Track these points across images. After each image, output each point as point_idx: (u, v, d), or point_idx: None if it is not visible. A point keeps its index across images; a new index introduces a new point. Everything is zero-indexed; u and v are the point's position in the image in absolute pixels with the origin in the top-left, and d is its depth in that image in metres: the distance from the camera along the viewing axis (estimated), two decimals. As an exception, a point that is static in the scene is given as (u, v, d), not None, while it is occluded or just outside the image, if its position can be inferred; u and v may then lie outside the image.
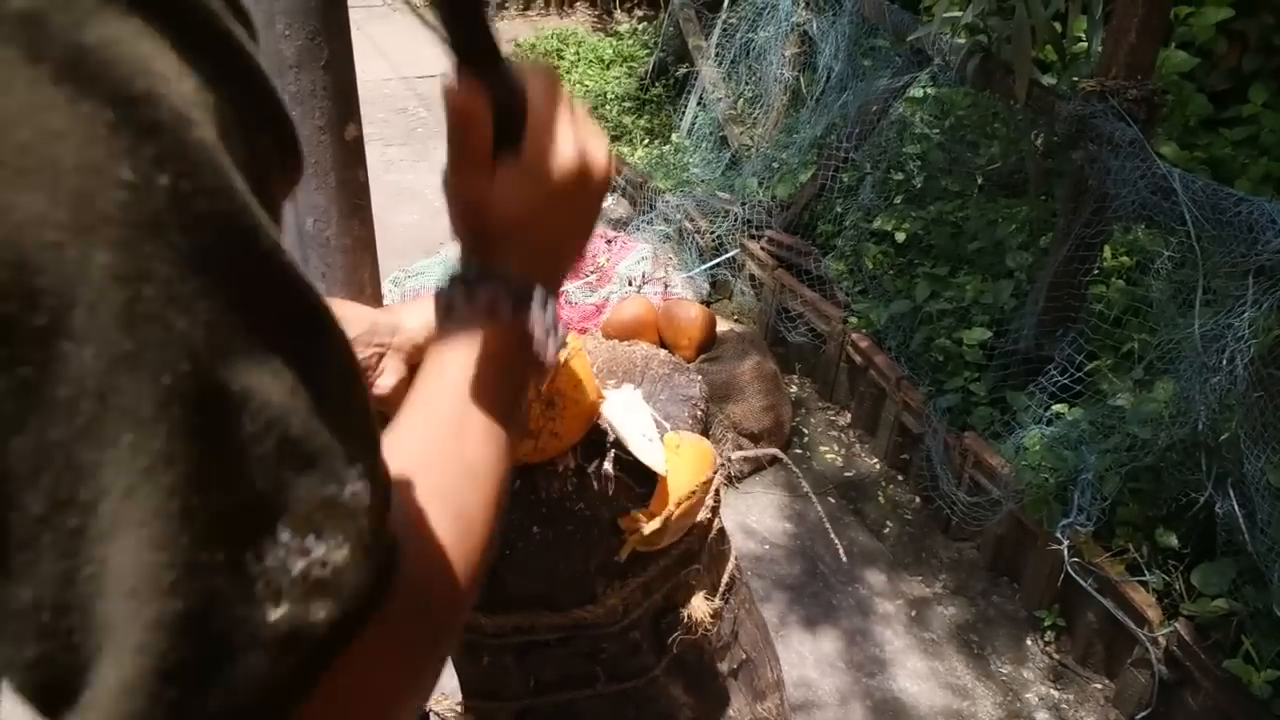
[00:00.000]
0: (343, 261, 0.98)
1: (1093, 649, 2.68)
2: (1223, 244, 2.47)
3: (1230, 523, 2.37)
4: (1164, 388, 2.63)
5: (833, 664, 2.72)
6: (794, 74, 4.61)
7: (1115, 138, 2.65)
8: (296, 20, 0.84)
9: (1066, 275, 2.95)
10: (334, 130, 0.91)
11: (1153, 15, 2.67)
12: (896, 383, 3.30)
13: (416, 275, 4.00)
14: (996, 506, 2.85)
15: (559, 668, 1.24)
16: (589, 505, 1.15)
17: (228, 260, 0.36)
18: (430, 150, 5.87)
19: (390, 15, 8.38)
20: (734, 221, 4.22)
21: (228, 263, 0.36)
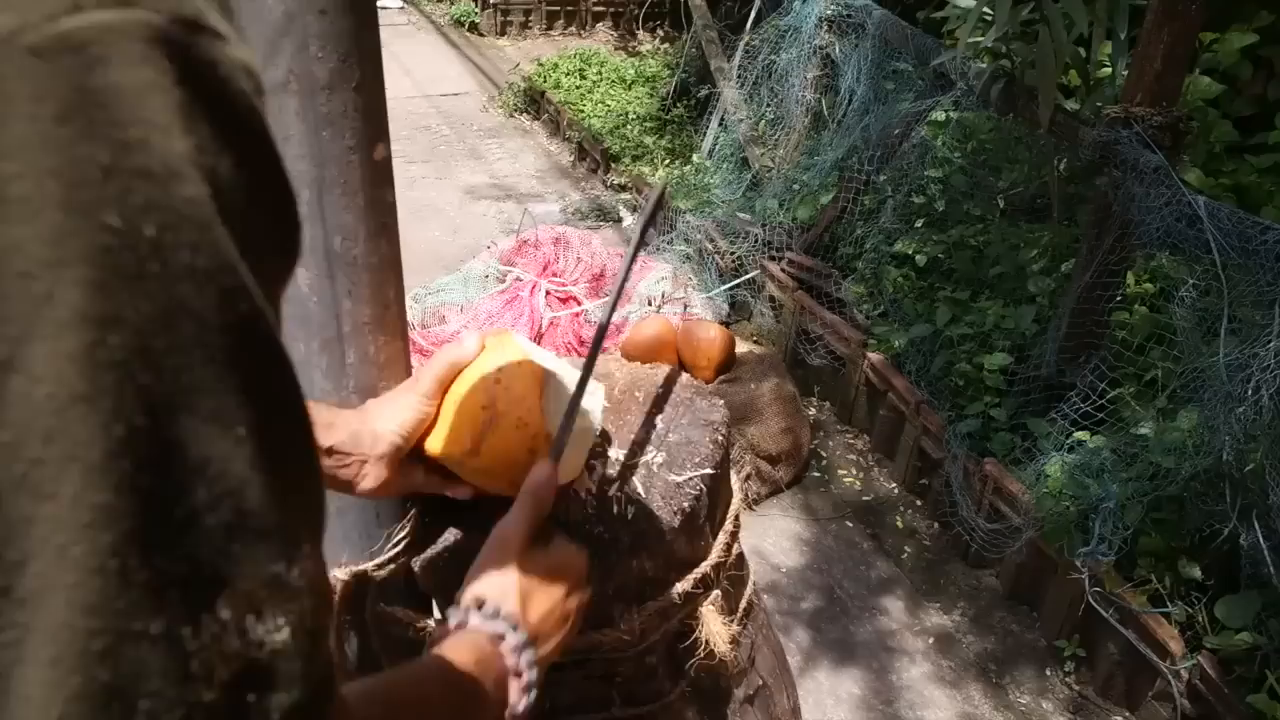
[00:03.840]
0: (369, 279, 0.98)
1: (1113, 681, 2.65)
2: (1248, 272, 2.45)
3: (1255, 555, 2.34)
4: (1188, 417, 2.61)
5: (849, 692, 2.70)
6: (816, 96, 4.61)
7: (1140, 164, 2.64)
8: (330, 42, 0.85)
9: (1089, 301, 2.93)
10: (363, 150, 0.91)
11: (1178, 41, 2.66)
12: (916, 407, 3.29)
13: (437, 292, 4.01)
14: (1016, 534, 2.83)
15: (574, 691, 1.23)
16: (608, 529, 1.14)
17: (205, 319, 0.35)
18: (452, 168, 5.91)
19: (415, 34, 8.45)
20: (754, 243, 4.21)
21: (204, 321, 0.35)
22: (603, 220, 5.23)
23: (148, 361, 0.33)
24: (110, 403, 0.32)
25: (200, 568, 0.35)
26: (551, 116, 6.52)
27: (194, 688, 0.35)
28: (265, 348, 0.38)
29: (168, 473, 0.34)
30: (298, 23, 0.85)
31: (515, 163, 6.07)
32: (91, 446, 0.32)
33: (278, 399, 0.40)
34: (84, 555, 0.32)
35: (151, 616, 0.33)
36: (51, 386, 0.32)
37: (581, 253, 4.05)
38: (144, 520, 0.33)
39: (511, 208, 5.35)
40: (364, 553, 1.19)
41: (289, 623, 0.38)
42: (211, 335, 0.35)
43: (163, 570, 0.34)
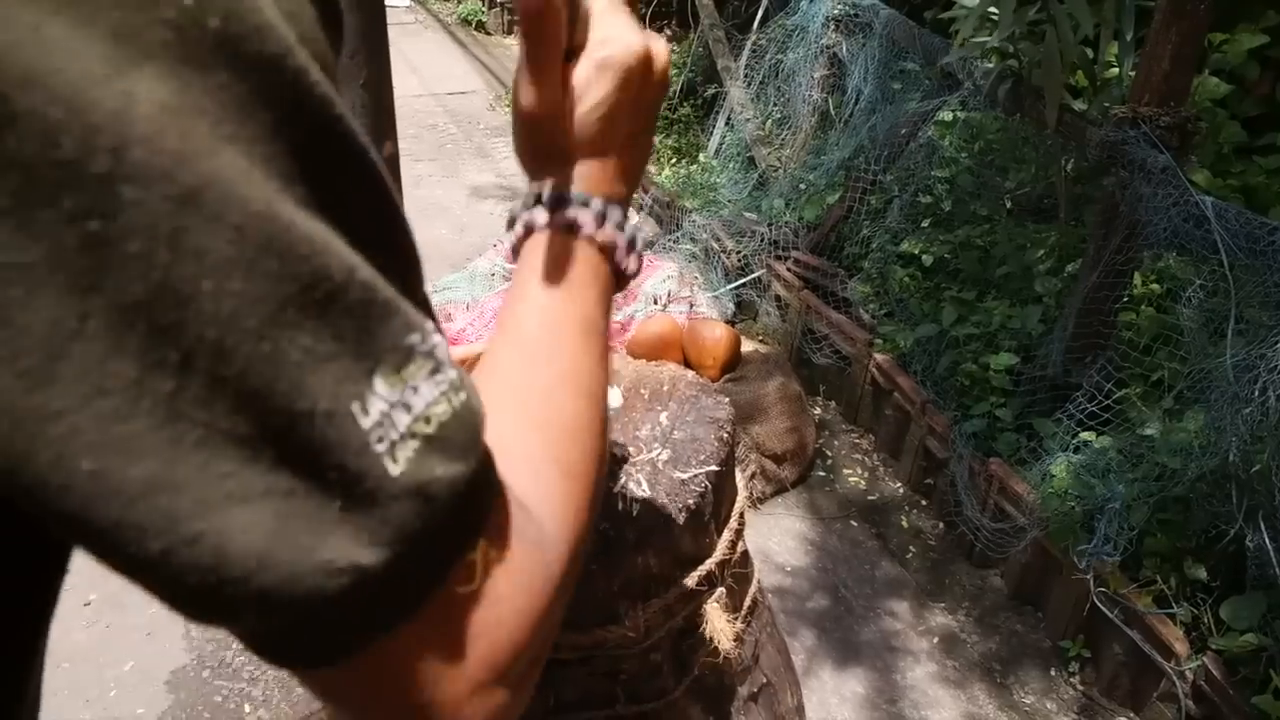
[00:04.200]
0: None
1: (1118, 681, 2.64)
2: (1256, 273, 2.44)
3: (1261, 556, 2.34)
4: (1194, 418, 2.61)
5: (853, 691, 2.70)
6: (823, 96, 4.61)
7: (1147, 164, 2.63)
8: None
9: (1096, 302, 2.92)
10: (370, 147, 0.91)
11: (1186, 41, 2.65)
12: (921, 407, 3.28)
13: (444, 290, 4.02)
14: (1021, 534, 2.82)
15: (579, 687, 1.23)
16: (613, 525, 1.14)
17: (279, 106, 0.35)
18: (459, 166, 5.91)
19: (422, 32, 8.46)
20: (760, 242, 4.21)
21: (279, 109, 0.35)
22: (609, 219, 5.23)
23: (238, 150, 0.33)
24: (217, 193, 0.33)
25: (346, 345, 0.36)
26: (558, 115, 6.51)
27: (380, 462, 0.37)
28: (339, 131, 0.38)
29: (291, 255, 0.34)
30: (305, 18, 0.85)
31: (522, 161, 6.07)
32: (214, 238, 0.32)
33: (361, 183, 0.39)
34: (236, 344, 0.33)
35: (315, 396, 0.35)
36: (161, 188, 0.32)
37: (587, 251, 4.05)
38: (282, 303, 0.34)
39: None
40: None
41: (442, 395, 0.40)
42: (287, 122, 0.35)
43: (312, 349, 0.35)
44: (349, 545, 0.36)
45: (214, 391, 0.33)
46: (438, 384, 0.40)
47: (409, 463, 0.38)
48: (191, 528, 0.33)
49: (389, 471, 0.37)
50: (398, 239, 0.42)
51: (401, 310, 0.39)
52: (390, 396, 0.37)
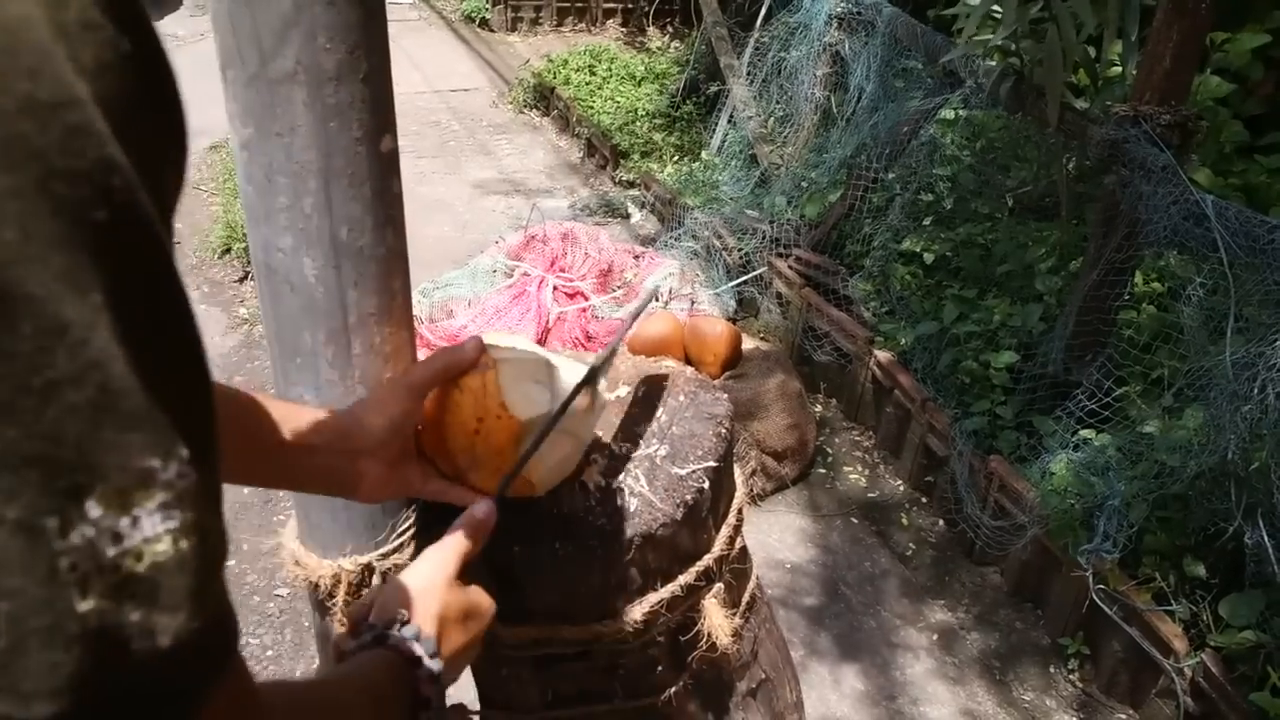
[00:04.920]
0: (375, 270, 0.99)
1: (1117, 678, 2.65)
2: (1256, 271, 2.44)
3: (1259, 554, 2.34)
4: (1193, 415, 2.61)
5: (852, 687, 2.70)
6: (825, 94, 4.61)
7: (1148, 163, 2.64)
8: (337, 34, 0.86)
9: (1096, 300, 2.93)
10: (370, 142, 0.92)
11: (1188, 40, 2.65)
12: (922, 404, 3.29)
13: (445, 286, 4.02)
14: (1021, 531, 2.83)
15: (576, 682, 1.24)
16: (611, 520, 1.15)
17: (49, 161, 0.31)
18: (461, 163, 5.92)
19: (426, 29, 8.46)
20: (762, 240, 4.22)
21: (49, 164, 0.31)
22: (611, 216, 5.24)
23: None
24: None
25: (63, 449, 0.31)
26: (561, 112, 6.52)
27: (64, 593, 0.31)
28: (123, 203, 0.33)
29: (19, 329, 0.30)
30: (306, 14, 0.85)
31: (524, 158, 6.08)
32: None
33: (141, 267, 0.35)
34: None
35: (7, 499, 0.30)
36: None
37: (589, 248, 4.05)
38: (17, 370, 0.30)
39: (520, 203, 5.36)
40: (369, 543, 1.20)
41: (170, 533, 0.34)
42: (58, 181, 0.31)
43: (17, 445, 0.30)
44: (7, 698, 0.30)
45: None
46: (167, 519, 0.34)
47: (100, 601, 0.32)
48: None
49: (73, 606, 0.31)
50: (174, 339, 0.37)
51: (148, 426, 0.33)
52: (101, 521, 0.32)
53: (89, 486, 0.31)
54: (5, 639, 0.30)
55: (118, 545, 0.32)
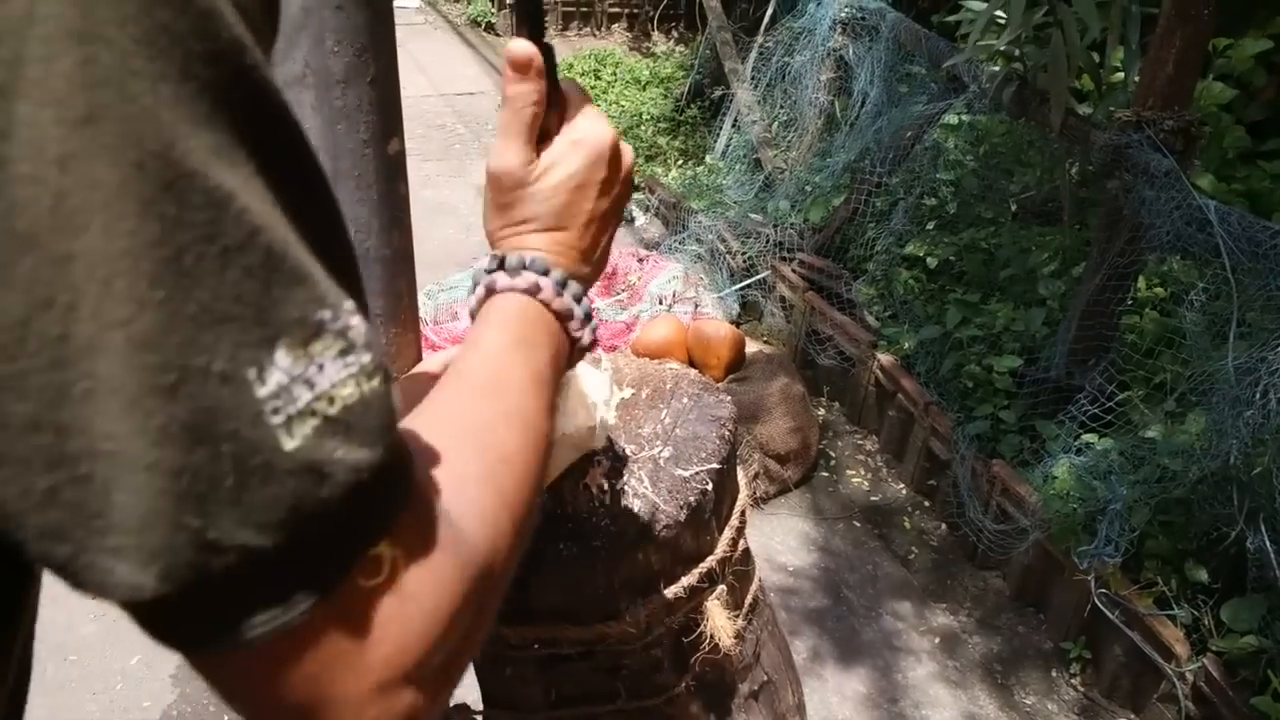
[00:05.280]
0: (381, 272, 1.00)
1: (1119, 683, 2.65)
2: (1259, 277, 2.45)
3: (1261, 559, 2.34)
4: (1196, 420, 2.61)
5: (854, 690, 2.71)
6: (829, 99, 4.62)
7: (1151, 168, 2.64)
8: (346, 37, 0.86)
9: (1099, 305, 2.93)
10: (377, 144, 0.93)
11: (1190, 45, 2.66)
12: (925, 408, 3.29)
13: (449, 289, 4.03)
14: (1024, 535, 2.83)
15: (580, 682, 1.24)
16: (614, 521, 1.16)
17: (190, 46, 0.33)
18: (467, 166, 5.93)
19: (431, 33, 8.48)
20: (765, 243, 4.22)
21: (190, 49, 0.33)
22: (615, 220, 5.24)
23: (143, 84, 0.31)
24: (116, 124, 0.31)
25: (245, 307, 0.34)
26: (565, 116, 6.53)
27: (274, 434, 0.34)
28: (255, 80, 0.36)
29: (191, 201, 0.32)
30: (314, 17, 0.86)
31: (529, 162, 6.09)
32: (109, 168, 0.31)
33: (278, 137, 0.37)
34: (128, 287, 0.31)
35: (210, 352, 0.33)
36: (56, 109, 0.30)
37: (593, 252, 4.06)
38: (178, 250, 0.32)
39: (524, 206, 5.37)
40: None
41: (350, 377, 0.37)
42: (199, 63, 0.33)
43: (209, 305, 0.33)
44: (235, 526, 0.34)
45: (102, 338, 0.31)
46: (347, 365, 0.37)
47: (305, 440, 0.35)
48: (76, 469, 0.32)
49: (282, 445, 0.35)
50: (319, 205, 0.40)
51: (312, 282, 0.36)
52: (292, 370, 0.35)
53: (275, 339, 0.35)
54: (231, 478, 0.34)
55: (311, 390, 0.36)
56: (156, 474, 0.32)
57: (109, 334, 0.31)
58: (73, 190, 0.30)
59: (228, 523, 0.34)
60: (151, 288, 0.32)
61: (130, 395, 0.32)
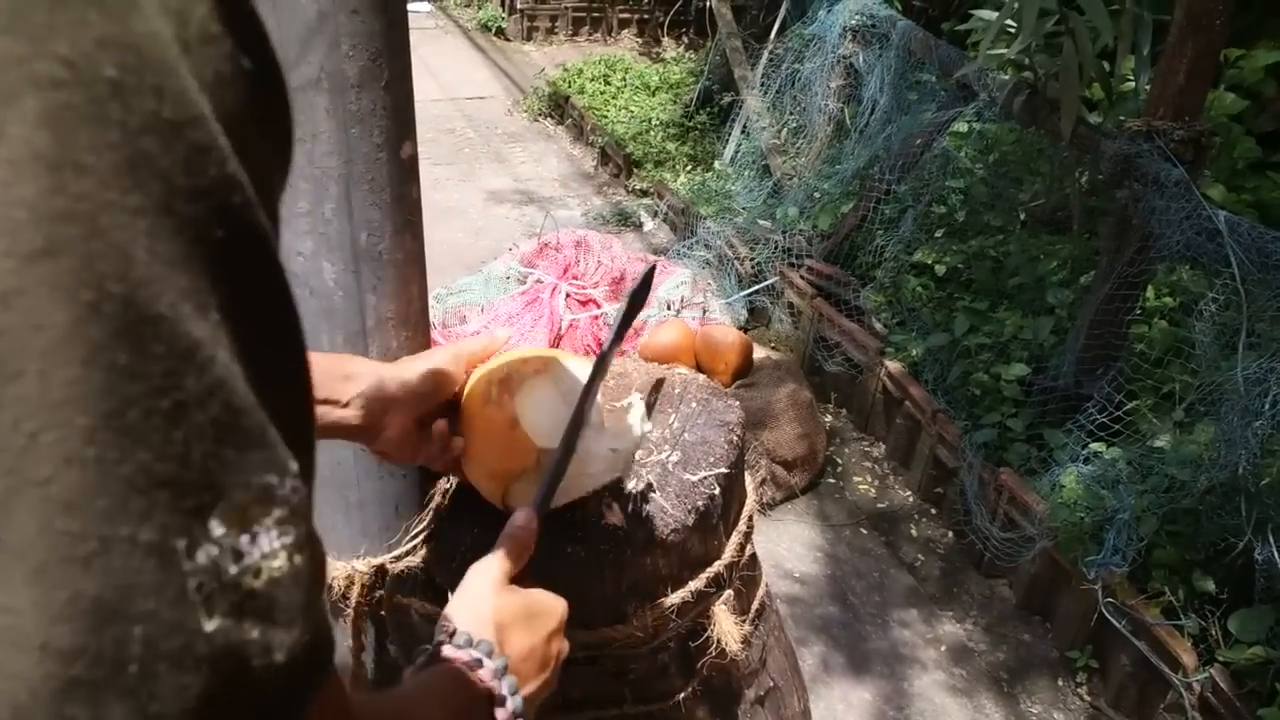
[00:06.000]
0: (393, 275, 1.00)
1: (1125, 692, 2.64)
2: (1269, 287, 2.45)
3: (1270, 569, 2.33)
4: (1204, 430, 2.61)
5: (860, 698, 2.70)
6: (839, 106, 4.62)
7: (1161, 178, 2.64)
8: (360, 41, 0.87)
9: (1108, 314, 2.93)
10: (390, 148, 0.93)
11: (1202, 57, 2.66)
12: (932, 416, 3.29)
13: (459, 292, 4.04)
14: (1030, 544, 2.83)
15: (586, 686, 1.25)
16: (622, 525, 1.16)
17: (174, 180, 0.31)
18: (476, 170, 5.94)
19: (442, 38, 8.51)
20: (774, 250, 4.23)
21: (174, 183, 0.31)
22: (624, 225, 5.26)
23: (116, 218, 0.29)
24: (74, 261, 0.28)
25: (190, 470, 0.31)
26: (575, 121, 6.55)
27: (193, 613, 0.31)
28: (242, 221, 0.34)
29: (150, 350, 0.30)
30: (330, 22, 0.87)
31: (538, 167, 6.11)
32: (56, 310, 0.28)
33: (257, 284, 0.35)
34: (56, 442, 0.28)
35: (140, 520, 0.29)
36: (8, 240, 0.27)
37: (602, 256, 4.07)
38: (123, 404, 0.29)
39: (533, 211, 5.39)
40: (382, 545, 1.21)
41: (285, 549, 0.34)
42: (181, 200, 0.31)
43: (148, 467, 0.30)
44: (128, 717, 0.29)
45: (15, 497, 0.28)
46: (283, 535, 0.34)
47: (223, 619, 0.32)
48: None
49: (201, 626, 0.31)
50: (287, 354, 0.38)
51: (266, 443, 0.34)
52: (224, 540, 0.32)
53: (212, 505, 0.32)
54: (137, 664, 0.29)
55: (239, 563, 0.32)
56: (47, 656, 0.28)
57: (24, 493, 0.28)
58: (12, 330, 0.28)
59: (120, 714, 0.29)
60: (84, 445, 0.28)
61: (37, 563, 0.28)
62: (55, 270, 0.28)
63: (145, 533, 0.29)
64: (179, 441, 0.30)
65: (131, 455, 0.29)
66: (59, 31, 0.29)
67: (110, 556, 0.29)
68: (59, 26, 0.29)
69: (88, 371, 0.28)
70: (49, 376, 0.28)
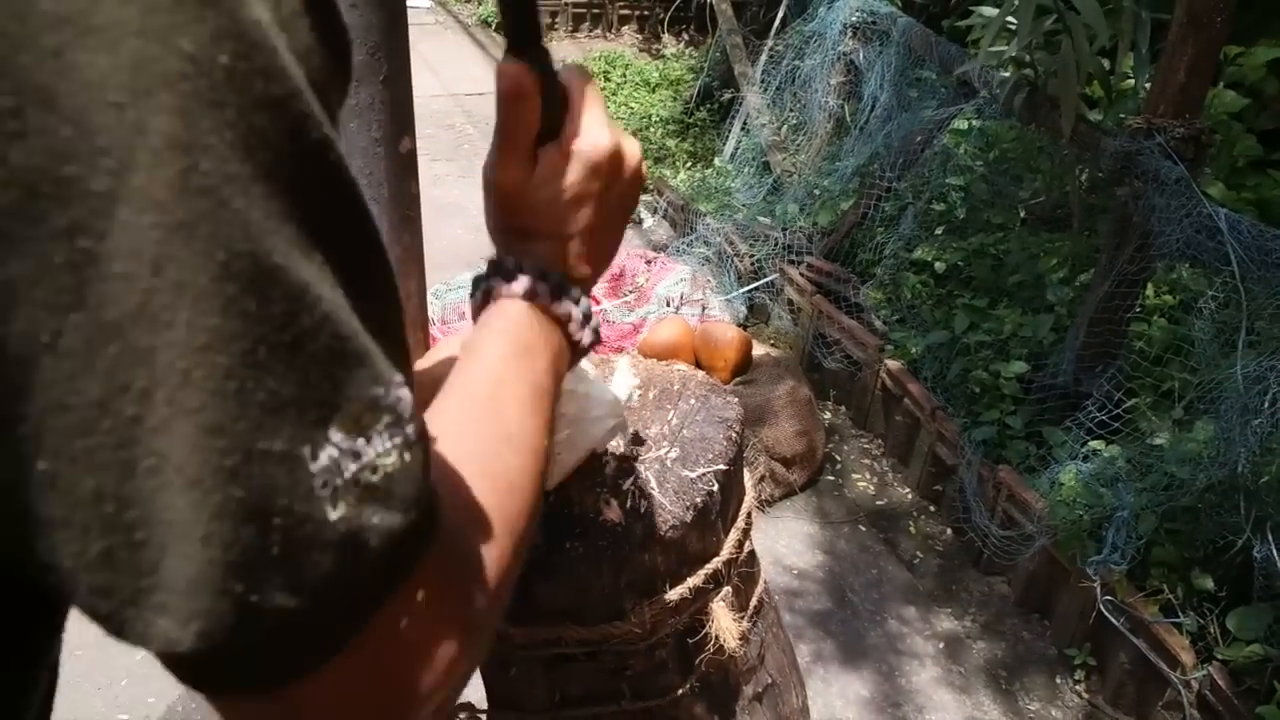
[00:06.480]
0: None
1: (1124, 690, 2.65)
2: (1268, 285, 2.45)
3: (1268, 567, 2.34)
4: (1204, 428, 2.61)
5: (858, 694, 2.70)
6: (839, 103, 4.62)
7: (1161, 175, 2.64)
8: (359, 36, 0.87)
9: (1107, 311, 2.93)
10: (389, 143, 0.93)
11: (1203, 54, 2.65)
12: (931, 413, 3.29)
13: (458, 289, 4.04)
14: (1029, 541, 2.83)
15: (585, 683, 1.25)
16: (621, 521, 1.16)
17: (281, 146, 0.36)
18: (476, 166, 5.91)
19: (441, 33, 8.50)
20: (774, 247, 4.22)
21: (281, 149, 0.36)
22: (623, 221, 5.25)
23: (236, 188, 0.34)
24: (209, 229, 0.34)
25: (309, 390, 0.37)
26: (575, 117, 6.53)
27: (321, 506, 0.37)
28: (336, 175, 0.39)
29: (271, 296, 0.35)
30: (329, 17, 0.87)
31: (538, 163, 6.09)
32: (198, 271, 0.33)
33: (351, 227, 0.41)
34: (204, 379, 0.34)
35: (273, 437, 0.36)
36: (155, 215, 0.33)
37: (601, 253, 4.06)
38: (253, 344, 0.35)
39: (533, 207, 5.37)
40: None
41: (395, 447, 0.40)
42: (287, 162, 0.36)
43: (276, 392, 0.36)
44: (275, 590, 0.36)
45: (173, 422, 0.34)
46: (393, 436, 0.40)
47: (347, 508, 0.38)
48: (132, 536, 0.34)
49: (327, 516, 0.37)
50: (382, 285, 0.43)
51: (371, 361, 0.39)
52: (343, 444, 0.38)
53: (330, 418, 0.38)
54: (278, 547, 0.36)
55: (357, 462, 0.39)
56: (209, 545, 0.35)
57: (180, 419, 0.34)
58: (162, 289, 0.33)
59: (269, 587, 0.36)
60: (226, 379, 0.34)
61: (193, 474, 0.34)
62: (194, 238, 0.33)
63: (278, 444, 0.36)
64: (300, 369, 0.36)
65: (263, 383, 0.35)
66: (181, 29, 0.33)
67: (250, 465, 0.35)
68: (180, 25, 0.33)
69: (224, 320, 0.34)
70: (195, 325, 0.33)
